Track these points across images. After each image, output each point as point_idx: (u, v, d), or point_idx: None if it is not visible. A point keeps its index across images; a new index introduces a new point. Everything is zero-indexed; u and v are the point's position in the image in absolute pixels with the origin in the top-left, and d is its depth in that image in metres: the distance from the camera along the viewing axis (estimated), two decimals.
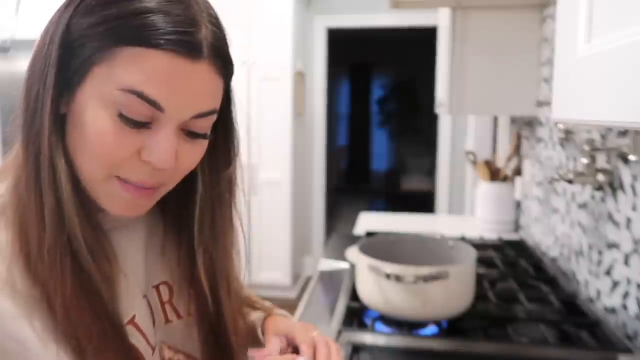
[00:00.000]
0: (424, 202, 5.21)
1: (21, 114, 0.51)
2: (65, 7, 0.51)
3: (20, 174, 0.51)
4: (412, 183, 7.51)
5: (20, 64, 3.00)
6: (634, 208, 0.99)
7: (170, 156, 0.50)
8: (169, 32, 0.47)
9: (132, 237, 0.63)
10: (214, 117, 0.54)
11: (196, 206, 0.62)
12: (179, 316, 0.67)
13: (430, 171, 6.53)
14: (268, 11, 3.35)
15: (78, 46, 0.49)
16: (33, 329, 0.50)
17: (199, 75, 0.50)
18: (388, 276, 0.99)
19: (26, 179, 0.51)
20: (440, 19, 1.92)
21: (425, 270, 0.98)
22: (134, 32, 0.47)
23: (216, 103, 0.54)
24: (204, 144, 0.56)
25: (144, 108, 0.48)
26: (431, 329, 1.04)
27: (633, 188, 0.99)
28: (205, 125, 0.54)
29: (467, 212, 3.25)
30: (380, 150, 8.18)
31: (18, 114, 0.52)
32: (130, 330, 0.57)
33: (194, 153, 0.55)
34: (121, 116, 0.48)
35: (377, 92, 8.05)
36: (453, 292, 1.01)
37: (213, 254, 0.64)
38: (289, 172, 3.48)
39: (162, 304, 0.65)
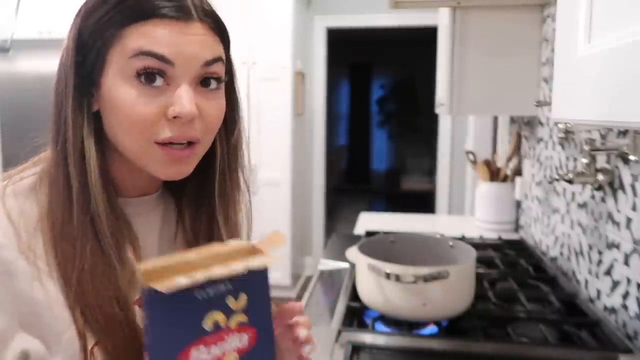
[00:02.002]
0: (424, 202, 5.21)
1: (51, 114, 0.58)
2: (75, 17, 0.58)
3: (50, 160, 0.58)
4: (412, 183, 7.51)
5: (20, 64, 3.00)
6: (634, 208, 0.99)
7: (191, 104, 0.55)
8: (159, 4, 0.54)
9: (148, 225, 0.66)
10: (223, 65, 0.59)
11: (215, 175, 0.66)
12: None
13: (430, 171, 6.53)
14: (268, 11, 3.35)
15: (91, 44, 0.56)
16: (46, 294, 0.53)
17: (195, 32, 0.56)
18: (388, 276, 0.99)
19: (55, 165, 0.57)
20: (440, 19, 1.91)
21: (425, 270, 0.98)
22: (133, 12, 0.54)
23: (220, 52, 0.59)
24: (221, 97, 0.61)
25: (154, 63, 0.54)
26: (431, 329, 1.04)
27: (633, 188, 0.99)
28: (215, 70, 0.58)
29: (467, 212, 3.25)
30: (380, 150, 8.18)
31: (50, 114, 0.58)
32: (137, 310, 0.59)
33: (215, 105, 0.59)
34: (138, 76, 0.54)
35: (377, 92, 8.05)
36: (453, 292, 1.01)
37: (232, 218, 0.68)
38: (288, 172, 3.48)
39: None
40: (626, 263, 1.01)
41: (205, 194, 0.68)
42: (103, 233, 0.56)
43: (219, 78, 0.59)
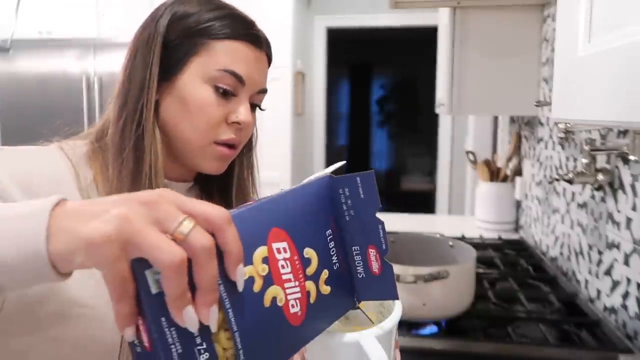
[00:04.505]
0: (424, 202, 5.21)
1: (121, 99, 0.66)
2: (161, 15, 0.67)
3: (110, 143, 0.65)
4: (412, 183, 7.50)
5: (20, 64, 3.00)
6: (634, 208, 0.99)
7: (250, 115, 0.69)
8: (244, 29, 0.67)
9: None
10: (265, 95, 0.73)
11: (233, 182, 0.79)
12: None
13: (430, 171, 6.53)
14: (268, 11, 3.35)
15: (177, 44, 0.66)
16: None
17: (261, 60, 0.70)
18: None
19: (121, 148, 0.64)
20: (440, 18, 1.91)
21: (425, 270, 0.98)
22: (223, 31, 0.66)
23: (266, 85, 0.72)
24: (255, 117, 0.74)
25: (233, 81, 0.66)
26: (431, 329, 1.04)
27: (633, 188, 0.99)
28: (260, 99, 0.73)
29: (467, 212, 3.24)
30: (380, 150, 8.17)
31: (116, 100, 0.67)
32: None
33: (253, 122, 0.73)
34: (216, 88, 0.66)
35: (377, 92, 8.05)
36: (453, 292, 1.01)
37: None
38: (289, 172, 3.47)
39: None
40: (626, 263, 1.01)
41: (227, 187, 0.79)
42: None
43: (259, 106, 0.73)
